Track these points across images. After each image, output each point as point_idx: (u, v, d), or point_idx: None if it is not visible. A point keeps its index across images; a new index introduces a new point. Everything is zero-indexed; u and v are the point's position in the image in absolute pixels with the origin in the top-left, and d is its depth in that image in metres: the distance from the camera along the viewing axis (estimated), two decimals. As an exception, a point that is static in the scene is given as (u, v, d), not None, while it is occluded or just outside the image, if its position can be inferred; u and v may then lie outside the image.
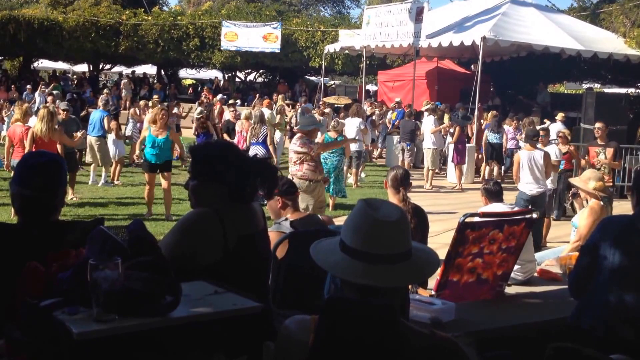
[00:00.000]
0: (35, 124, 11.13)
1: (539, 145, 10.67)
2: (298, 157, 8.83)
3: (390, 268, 2.07)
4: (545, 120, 17.89)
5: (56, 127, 11.06)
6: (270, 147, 13.74)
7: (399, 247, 2.10)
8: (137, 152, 16.89)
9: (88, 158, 14.87)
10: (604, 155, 11.43)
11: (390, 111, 21.46)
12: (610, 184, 10.80)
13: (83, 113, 18.27)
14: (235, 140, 14.74)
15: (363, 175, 16.46)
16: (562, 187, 12.40)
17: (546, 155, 10.29)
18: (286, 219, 4.96)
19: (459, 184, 15.96)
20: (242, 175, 3.11)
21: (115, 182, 14.78)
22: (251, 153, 12.66)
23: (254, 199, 3.24)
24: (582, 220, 7.52)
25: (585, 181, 7.96)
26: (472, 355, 2.45)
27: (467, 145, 16.85)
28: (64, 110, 13.60)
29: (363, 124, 15.96)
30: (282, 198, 5.09)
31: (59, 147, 11.09)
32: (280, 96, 22.78)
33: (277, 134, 18.04)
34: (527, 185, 10.11)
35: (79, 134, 12.13)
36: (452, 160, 16.50)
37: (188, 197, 3.23)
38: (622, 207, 10.15)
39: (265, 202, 5.06)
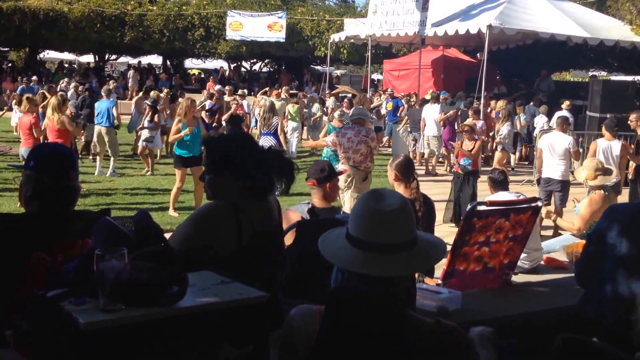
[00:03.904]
0: (48, 113, 11.23)
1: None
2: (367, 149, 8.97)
3: (391, 257, 2.06)
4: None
5: (67, 113, 11.27)
6: (281, 137, 13.69)
7: (400, 237, 2.09)
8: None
9: (98, 148, 14.87)
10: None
11: (385, 101, 21.33)
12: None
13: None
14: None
15: None
16: (471, 192, 10.57)
17: (623, 147, 10.17)
18: (308, 203, 4.91)
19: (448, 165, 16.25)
20: (260, 169, 3.06)
21: (148, 173, 14.80)
22: (261, 143, 12.64)
23: (271, 193, 3.22)
24: (582, 210, 7.50)
25: (580, 171, 7.91)
26: (488, 344, 2.46)
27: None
28: (71, 112, 13.67)
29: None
30: (329, 183, 5.01)
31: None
32: (284, 88, 22.81)
33: (290, 125, 18.08)
34: None
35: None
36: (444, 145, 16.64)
37: (204, 189, 3.20)
38: (622, 198, 10.10)
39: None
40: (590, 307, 3.49)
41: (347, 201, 8.66)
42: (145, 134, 15.47)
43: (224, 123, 16.73)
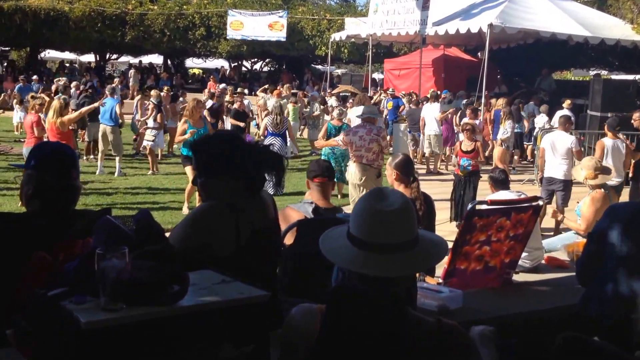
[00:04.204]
0: (49, 115, 11.27)
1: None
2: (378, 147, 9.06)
3: (392, 257, 2.05)
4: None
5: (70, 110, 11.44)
6: (292, 140, 13.79)
7: (401, 237, 2.07)
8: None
9: (101, 147, 14.85)
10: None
11: (385, 100, 21.32)
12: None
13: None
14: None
15: None
16: (472, 194, 10.29)
17: (627, 146, 10.14)
18: (312, 203, 4.86)
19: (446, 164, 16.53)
20: (251, 167, 3.04)
21: (149, 173, 14.79)
22: (267, 143, 12.65)
23: (264, 188, 3.21)
24: (585, 210, 7.46)
25: (579, 170, 7.89)
26: (489, 343, 2.45)
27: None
28: (72, 109, 13.70)
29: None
30: (315, 180, 4.98)
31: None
32: (286, 85, 22.81)
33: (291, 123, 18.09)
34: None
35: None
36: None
37: (198, 192, 3.18)
38: (623, 197, 10.08)
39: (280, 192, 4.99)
40: (591, 306, 3.49)
41: None
42: (149, 133, 15.50)
43: (228, 122, 16.76)
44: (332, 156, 11.98)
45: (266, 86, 22.61)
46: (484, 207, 4.40)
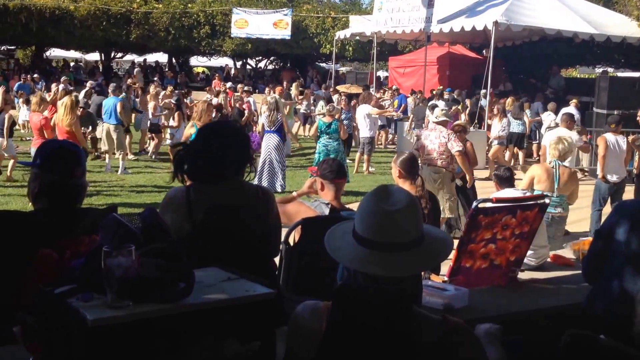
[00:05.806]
0: (58, 113, 11.30)
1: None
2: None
3: (397, 256, 2.05)
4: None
5: (77, 113, 11.40)
6: (289, 135, 13.72)
7: (407, 236, 2.07)
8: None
9: (104, 147, 14.86)
10: None
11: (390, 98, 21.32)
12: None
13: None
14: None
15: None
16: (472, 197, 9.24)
17: (627, 142, 10.12)
18: (328, 204, 4.79)
19: None
20: (218, 155, 3.23)
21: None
22: (265, 142, 12.64)
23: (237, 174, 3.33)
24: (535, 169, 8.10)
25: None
26: (495, 341, 2.45)
27: (479, 130, 16.96)
28: (80, 107, 13.72)
29: (373, 110, 15.98)
30: (335, 180, 4.90)
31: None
32: (294, 84, 22.84)
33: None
34: (612, 172, 9.79)
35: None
36: None
37: None
38: (628, 195, 10.07)
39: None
40: (598, 304, 3.48)
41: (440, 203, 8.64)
42: (169, 132, 15.63)
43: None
44: (325, 152, 12.01)
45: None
46: (489, 205, 4.39)
